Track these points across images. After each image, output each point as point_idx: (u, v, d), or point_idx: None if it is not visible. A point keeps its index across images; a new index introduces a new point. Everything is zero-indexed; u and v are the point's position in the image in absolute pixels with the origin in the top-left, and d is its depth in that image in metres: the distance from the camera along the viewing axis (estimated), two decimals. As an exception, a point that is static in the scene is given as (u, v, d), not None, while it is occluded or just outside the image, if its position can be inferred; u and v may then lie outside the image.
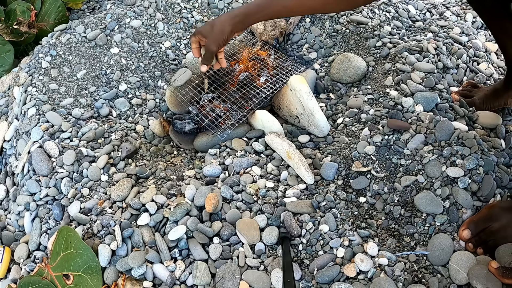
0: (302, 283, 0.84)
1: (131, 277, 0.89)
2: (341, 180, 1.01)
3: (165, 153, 1.22)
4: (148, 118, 1.32)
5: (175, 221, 0.93)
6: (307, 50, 1.44)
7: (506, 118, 1.08)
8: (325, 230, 0.90)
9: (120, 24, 1.45)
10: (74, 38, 1.41)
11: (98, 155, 1.12)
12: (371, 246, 0.87)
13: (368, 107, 1.13)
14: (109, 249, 0.90)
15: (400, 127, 1.02)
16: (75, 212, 0.99)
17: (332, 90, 1.31)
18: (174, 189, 1.03)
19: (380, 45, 1.31)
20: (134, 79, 1.39)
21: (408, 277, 0.82)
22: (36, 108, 1.22)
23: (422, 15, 1.44)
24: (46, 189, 1.07)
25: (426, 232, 0.89)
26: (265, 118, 1.14)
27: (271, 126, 1.12)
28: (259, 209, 0.95)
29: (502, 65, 1.27)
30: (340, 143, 1.07)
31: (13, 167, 1.18)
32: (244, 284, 0.84)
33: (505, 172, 0.93)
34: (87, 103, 1.30)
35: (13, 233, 1.07)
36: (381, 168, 1.00)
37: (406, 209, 0.94)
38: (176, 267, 0.88)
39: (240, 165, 1.04)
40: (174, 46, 1.48)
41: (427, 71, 1.16)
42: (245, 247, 0.90)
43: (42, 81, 1.30)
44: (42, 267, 0.90)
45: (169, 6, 1.54)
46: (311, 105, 1.08)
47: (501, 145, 0.99)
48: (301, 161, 1.00)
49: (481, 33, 1.38)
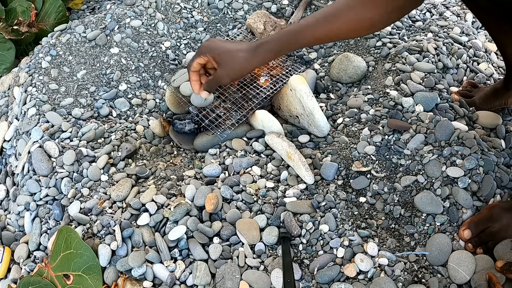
0: (302, 283, 0.84)
1: (131, 277, 0.89)
2: (341, 180, 1.01)
3: (165, 153, 1.22)
4: (148, 118, 1.32)
5: (175, 221, 0.93)
6: (307, 50, 1.43)
7: (506, 118, 1.08)
8: (325, 230, 0.90)
9: (120, 24, 1.45)
10: (74, 38, 1.41)
11: (98, 155, 1.12)
12: (371, 246, 0.87)
13: (368, 107, 1.13)
14: (109, 249, 0.90)
15: (400, 127, 1.02)
16: (75, 212, 0.99)
17: (332, 90, 1.31)
18: (174, 189, 1.03)
19: (380, 45, 1.31)
20: (134, 79, 1.39)
21: (408, 277, 0.82)
22: (36, 108, 1.22)
23: (422, 15, 1.44)
24: (46, 189, 1.07)
25: (426, 232, 0.89)
26: (265, 118, 1.14)
27: (271, 126, 1.12)
28: (259, 209, 0.95)
29: (502, 65, 1.27)
30: (340, 143, 1.07)
31: (13, 167, 1.18)
32: (244, 284, 0.84)
33: (505, 172, 0.93)
34: (87, 103, 1.30)
35: (13, 233, 1.07)
36: (381, 168, 1.00)
37: (406, 209, 0.94)
38: (176, 267, 0.88)
39: (240, 165, 1.04)
40: (174, 46, 1.48)
41: (427, 71, 1.16)
42: (245, 247, 0.90)
43: (42, 81, 1.30)
44: (42, 267, 0.91)
45: (169, 6, 1.54)
46: (311, 105, 1.08)
47: (501, 145, 1.00)
48: (301, 161, 1.00)
49: (481, 33, 1.38)
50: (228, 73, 0.92)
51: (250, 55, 0.89)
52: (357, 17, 0.85)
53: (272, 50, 0.89)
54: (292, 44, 0.89)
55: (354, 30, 0.88)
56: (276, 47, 0.89)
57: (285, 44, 0.89)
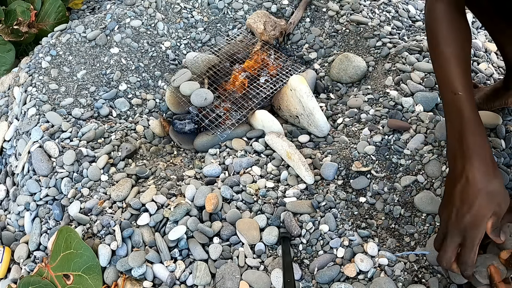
0: (302, 283, 0.84)
1: (131, 277, 0.89)
2: (341, 180, 1.01)
3: (165, 153, 1.22)
4: (148, 118, 1.32)
5: (175, 221, 0.93)
6: (307, 50, 1.44)
7: (506, 118, 1.08)
8: (325, 230, 0.90)
9: (120, 24, 1.45)
10: (74, 38, 1.41)
11: (98, 155, 1.12)
12: (371, 246, 0.87)
13: (368, 107, 1.13)
14: (109, 249, 0.90)
15: (400, 127, 1.02)
16: (75, 212, 0.99)
17: (332, 90, 1.31)
18: (174, 189, 1.03)
19: (380, 45, 1.31)
20: (134, 79, 1.39)
21: (408, 277, 0.82)
22: (36, 108, 1.22)
23: (422, 15, 1.44)
24: (46, 189, 1.07)
25: (426, 232, 0.89)
26: (265, 118, 1.14)
27: (271, 126, 1.12)
28: (259, 209, 0.95)
29: (502, 65, 1.27)
30: (340, 143, 1.07)
31: (13, 167, 1.18)
32: (244, 284, 0.84)
33: (505, 172, 0.93)
34: (87, 103, 1.30)
35: (13, 233, 1.07)
36: (381, 168, 1.00)
37: (406, 209, 0.94)
38: (176, 267, 0.88)
39: (240, 165, 1.04)
40: (174, 46, 1.48)
41: (427, 71, 1.16)
42: (245, 247, 0.90)
43: (42, 81, 1.30)
44: (42, 267, 0.91)
45: (169, 6, 1.54)
46: (311, 105, 1.08)
47: (501, 145, 0.99)
48: (301, 161, 1.00)
49: (481, 33, 1.38)
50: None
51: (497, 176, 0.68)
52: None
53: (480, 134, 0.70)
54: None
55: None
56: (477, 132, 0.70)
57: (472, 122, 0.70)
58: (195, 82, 1.21)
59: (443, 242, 0.69)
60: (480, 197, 0.65)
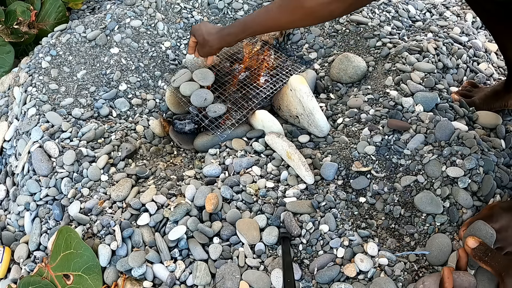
0: (302, 283, 0.84)
1: (131, 277, 0.89)
2: (341, 180, 1.01)
3: (165, 153, 1.22)
4: (148, 118, 1.32)
5: (175, 221, 0.93)
6: (307, 50, 1.44)
7: (506, 118, 1.08)
8: (325, 230, 0.90)
9: (120, 24, 1.45)
10: (74, 38, 1.41)
11: (98, 155, 1.12)
12: (371, 246, 0.87)
13: (368, 107, 1.13)
14: (109, 249, 0.90)
15: (400, 127, 1.02)
16: (75, 212, 0.99)
17: (332, 90, 1.31)
18: (174, 189, 1.03)
19: (380, 45, 1.31)
20: (134, 79, 1.39)
21: (408, 277, 0.82)
22: (36, 108, 1.22)
23: (422, 15, 1.44)
24: (46, 189, 1.07)
25: (426, 232, 0.89)
26: (265, 118, 1.14)
27: (271, 126, 1.12)
28: (259, 209, 0.95)
29: (502, 65, 1.27)
30: (340, 143, 1.07)
31: (13, 167, 1.18)
32: (244, 284, 0.84)
33: (505, 172, 0.93)
34: (87, 103, 1.30)
35: (13, 233, 1.07)
36: (381, 168, 1.00)
37: (406, 209, 0.94)
38: (176, 267, 0.88)
39: (240, 165, 1.04)
40: (174, 46, 1.48)
41: (427, 71, 1.16)
42: (245, 247, 0.90)
43: (42, 81, 1.30)
44: (42, 267, 0.91)
45: (169, 6, 1.54)
46: (311, 105, 1.08)
47: (501, 145, 1.00)
48: (301, 161, 1.00)
49: (481, 33, 1.38)
50: (202, 51, 1.16)
51: (217, 37, 1.10)
52: (295, 5, 0.89)
53: (231, 33, 1.07)
54: (243, 31, 1.05)
55: (295, 21, 0.93)
56: (234, 32, 1.07)
57: (239, 31, 1.06)
58: (195, 82, 1.21)
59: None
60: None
